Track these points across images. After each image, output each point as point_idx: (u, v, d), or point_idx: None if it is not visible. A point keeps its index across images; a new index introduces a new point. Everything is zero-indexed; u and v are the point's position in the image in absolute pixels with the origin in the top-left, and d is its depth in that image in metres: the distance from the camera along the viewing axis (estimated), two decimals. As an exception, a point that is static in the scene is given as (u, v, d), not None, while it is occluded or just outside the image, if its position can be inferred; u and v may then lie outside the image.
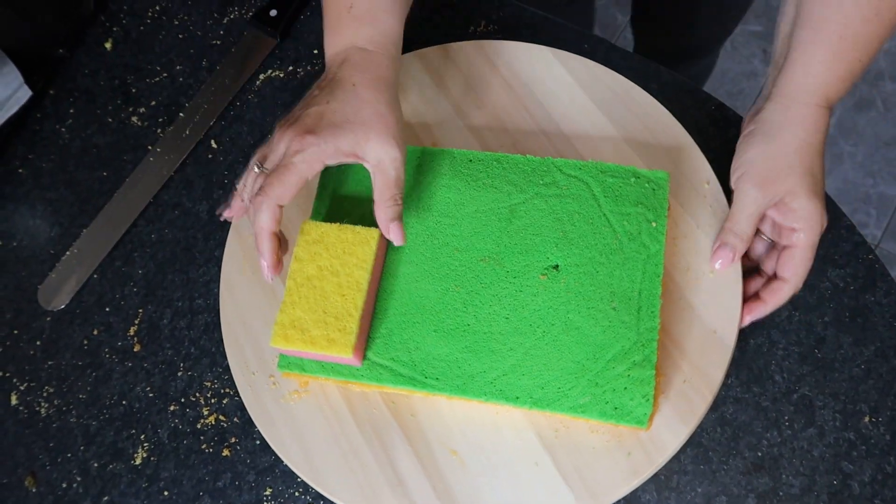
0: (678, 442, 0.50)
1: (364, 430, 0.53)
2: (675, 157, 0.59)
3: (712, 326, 0.53)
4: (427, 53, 0.65)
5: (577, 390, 0.50)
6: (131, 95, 0.72)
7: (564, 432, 0.51)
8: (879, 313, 0.55)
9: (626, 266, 0.53)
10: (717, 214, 0.56)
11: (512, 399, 0.50)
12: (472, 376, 0.51)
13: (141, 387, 0.60)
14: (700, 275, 0.54)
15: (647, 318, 0.51)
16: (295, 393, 0.55)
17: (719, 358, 0.52)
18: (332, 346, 0.50)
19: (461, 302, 0.53)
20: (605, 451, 0.50)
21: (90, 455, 0.58)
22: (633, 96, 0.61)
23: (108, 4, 0.77)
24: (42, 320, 0.63)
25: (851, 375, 0.54)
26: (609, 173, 0.56)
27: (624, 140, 0.60)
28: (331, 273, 0.52)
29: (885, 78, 1.49)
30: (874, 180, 1.41)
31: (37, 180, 0.69)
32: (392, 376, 0.52)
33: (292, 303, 0.52)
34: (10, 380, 0.61)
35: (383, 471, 0.51)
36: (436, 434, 0.52)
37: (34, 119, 0.72)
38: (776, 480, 0.51)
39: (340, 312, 0.51)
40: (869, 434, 0.52)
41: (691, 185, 0.57)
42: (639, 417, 0.49)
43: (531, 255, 0.54)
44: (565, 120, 0.61)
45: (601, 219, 0.54)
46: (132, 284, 0.64)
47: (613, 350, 0.50)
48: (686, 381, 0.51)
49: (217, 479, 0.56)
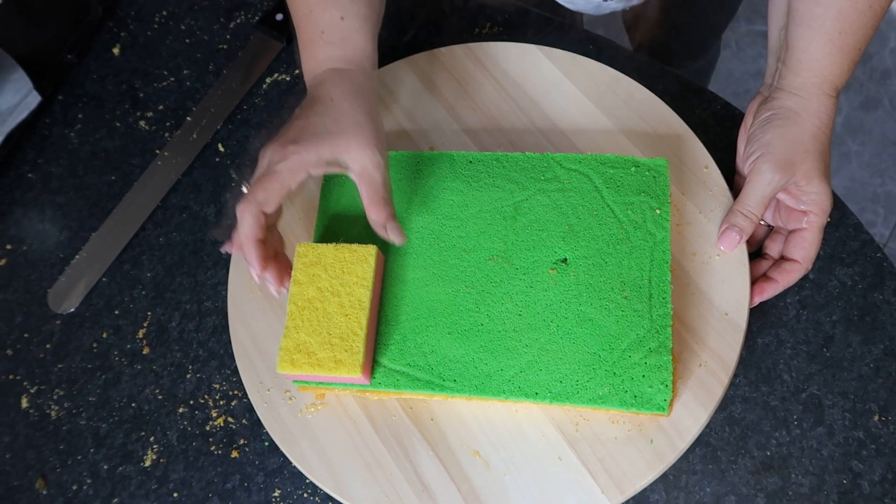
0: (699, 426, 0.50)
1: (384, 438, 0.53)
2: (672, 145, 0.59)
3: (723, 309, 0.53)
4: (417, 60, 0.66)
5: (595, 382, 0.50)
6: (139, 100, 0.73)
7: (585, 425, 0.51)
8: (888, 311, 0.55)
9: (634, 255, 0.53)
10: (719, 199, 0.57)
11: (531, 395, 0.50)
12: (490, 375, 0.51)
13: (150, 389, 0.60)
14: (707, 259, 0.55)
15: (659, 305, 0.51)
16: (312, 406, 0.55)
17: (733, 339, 0.52)
18: (340, 367, 0.50)
19: (473, 302, 0.53)
20: (627, 440, 0.50)
21: (100, 457, 0.58)
22: (625, 87, 0.62)
23: (115, 10, 0.77)
24: (52, 323, 0.64)
25: (860, 374, 0.53)
26: (609, 164, 0.56)
27: (620, 131, 0.60)
28: (332, 294, 0.52)
29: (893, 77, 1.49)
30: (882, 179, 1.40)
31: (46, 185, 0.70)
32: (409, 381, 0.52)
33: (295, 327, 0.52)
34: (20, 383, 0.62)
35: (407, 478, 0.51)
36: (457, 436, 0.52)
37: (43, 124, 0.73)
38: (785, 480, 0.51)
39: (345, 332, 0.51)
40: (878, 433, 0.52)
41: (691, 172, 0.58)
42: (659, 404, 0.49)
43: (539, 250, 0.54)
44: (560, 115, 0.61)
45: (605, 210, 0.55)
46: (141, 287, 0.64)
47: (628, 339, 0.51)
48: (702, 365, 0.52)
49: (226, 480, 0.56)
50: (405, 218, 0.57)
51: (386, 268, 0.56)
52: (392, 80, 0.65)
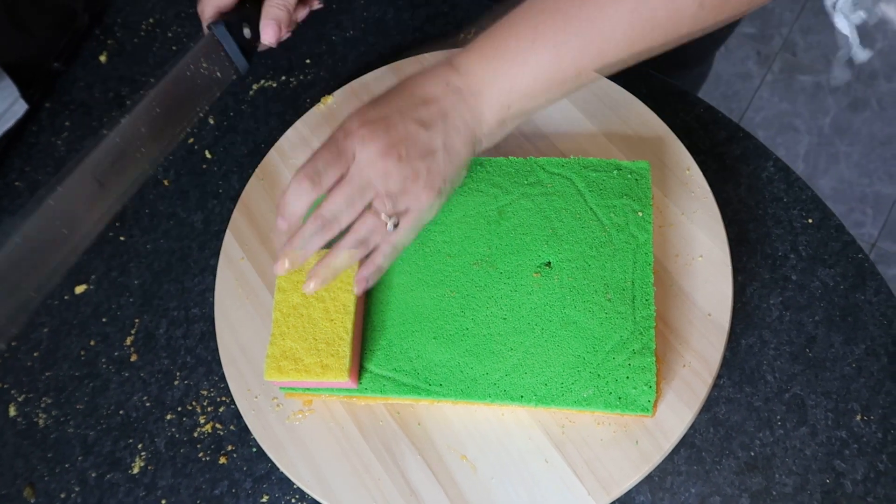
0: (684, 426, 0.51)
1: (372, 443, 0.53)
2: (654, 148, 0.60)
3: (706, 310, 0.53)
4: (402, 66, 0.66)
5: (579, 384, 0.50)
6: (126, 107, 0.73)
7: (571, 427, 0.51)
8: (870, 312, 0.55)
9: (617, 257, 0.53)
10: (701, 200, 0.57)
11: (517, 398, 0.50)
12: (476, 379, 0.51)
13: (138, 396, 0.60)
14: (689, 260, 0.55)
15: (643, 307, 0.52)
16: (299, 413, 0.55)
17: (716, 339, 0.52)
18: (327, 372, 0.50)
19: (458, 307, 0.53)
20: (612, 441, 0.51)
21: (88, 465, 0.58)
22: (607, 91, 0.62)
23: (102, 18, 0.78)
24: (40, 331, 0.64)
25: (843, 374, 0.54)
26: (591, 168, 0.57)
27: (602, 134, 0.61)
28: (316, 299, 0.53)
29: (880, 77, 1.50)
30: (870, 179, 1.41)
31: (33, 193, 0.70)
32: (396, 387, 0.52)
33: (281, 334, 0.52)
34: (8, 391, 0.62)
35: (395, 483, 0.52)
36: (444, 440, 0.52)
37: (30, 132, 0.73)
38: (769, 480, 0.51)
39: (331, 337, 0.51)
40: (861, 432, 0.52)
41: (672, 174, 0.58)
42: (643, 405, 0.49)
43: (523, 254, 0.54)
44: (542, 119, 0.62)
45: (588, 213, 0.55)
46: (128, 294, 0.64)
47: (612, 341, 0.51)
48: (686, 366, 0.52)
49: (214, 486, 0.56)
50: None
51: None
52: (378, 86, 0.66)
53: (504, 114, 0.50)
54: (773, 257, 0.58)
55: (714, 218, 0.56)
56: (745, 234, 0.59)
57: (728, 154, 0.62)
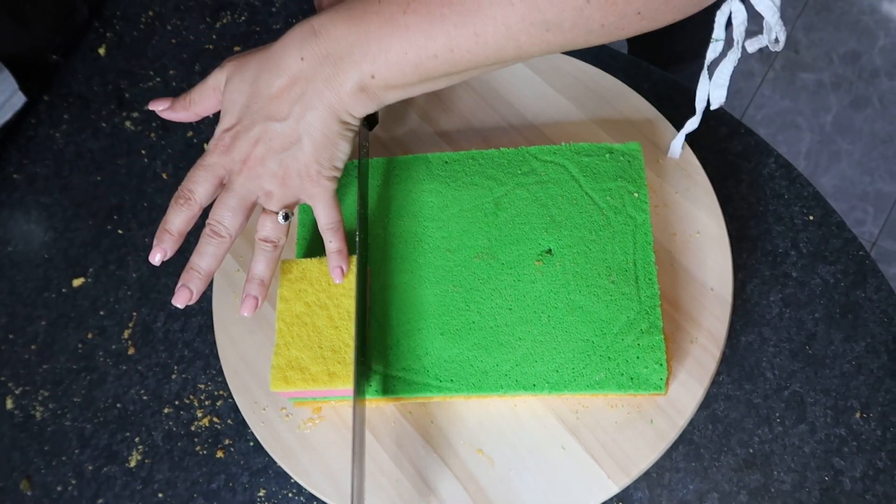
0: (696, 401, 0.51)
1: (386, 445, 0.53)
2: (643, 130, 0.60)
3: (708, 284, 0.54)
4: None
5: (591, 368, 0.50)
6: (125, 100, 0.73)
7: (584, 412, 0.51)
8: (870, 309, 0.55)
9: (617, 239, 0.53)
10: (693, 178, 0.58)
11: (529, 387, 0.50)
12: (486, 372, 0.51)
13: (135, 390, 0.60)
14: (687, 238, 0.56)
15: (647, 287, 0.52)
16: (310, 421, 0.54)
17: (721, 313, 0.53)
18: (335, 380, 0.50)
19: (462, 301, 0.53)
20: (627, 423, 0.51)
21: (85, 458, 0.58)
22: (593, 77, 0.62)
23: (101, 11, 0.77)
24: (37, 324, 0.64)
25: (842, 371, 0.54)
26: (584, 153, 0.57)
27: (592, 121, 0.61)
28: (319, 307, 0.52)
29: (882, 75, 1.49)
30: (871, 177, 1.41)
31: (31, 185, 0.70)
32: (406, 386, 0.52)
33: (286, 343, 0.52)
34: (5, 384, 0.62)
35: (413, 483, 0.51)
36: (459, 437, 0.52)
37: (29, 125, 0.73)
38: (768, 477, 0.51)
39: (336, 345, 0.51)
40: (860, 430, 0.52)
41: (663, 154, 0.59)
42: (656, 383, 0.49)
43: (523, 243, 0.54)
44: (531, 110, 0.62)
45: (584, 198, 0.55)
46: (126, 288, 0.64)
47: (619, 323, 0.51)
48: (693, 342, 0.53)
49: (211, 480, 0.56)
50: (386, 224, 0.57)
51: (372, 275, 0.56)
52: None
53: (366, 81, 0.46)
54: (773, 254, 0.58)
55: (707, 193, 0.57)
56: (745, 231, 0.58)
57: (729, 150, 0.62)
